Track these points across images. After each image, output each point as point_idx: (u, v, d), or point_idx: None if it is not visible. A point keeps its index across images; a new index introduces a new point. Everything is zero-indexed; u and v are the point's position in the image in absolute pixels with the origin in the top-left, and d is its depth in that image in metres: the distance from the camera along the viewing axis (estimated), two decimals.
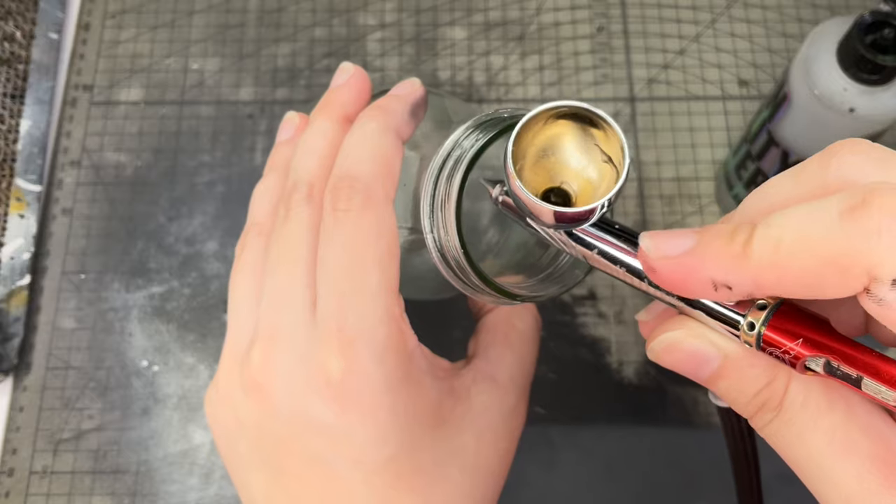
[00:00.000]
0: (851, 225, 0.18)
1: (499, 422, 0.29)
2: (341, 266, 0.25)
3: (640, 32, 0.60)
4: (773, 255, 0.19)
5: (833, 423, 0.20)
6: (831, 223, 0.18)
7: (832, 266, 0.18)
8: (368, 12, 0.61)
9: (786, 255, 0.19)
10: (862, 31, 0.40)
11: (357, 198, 0.26)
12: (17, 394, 0.50)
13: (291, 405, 0.25)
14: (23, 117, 0.56)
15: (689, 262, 0.21)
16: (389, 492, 0.25)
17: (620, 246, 0.24)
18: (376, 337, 0.25)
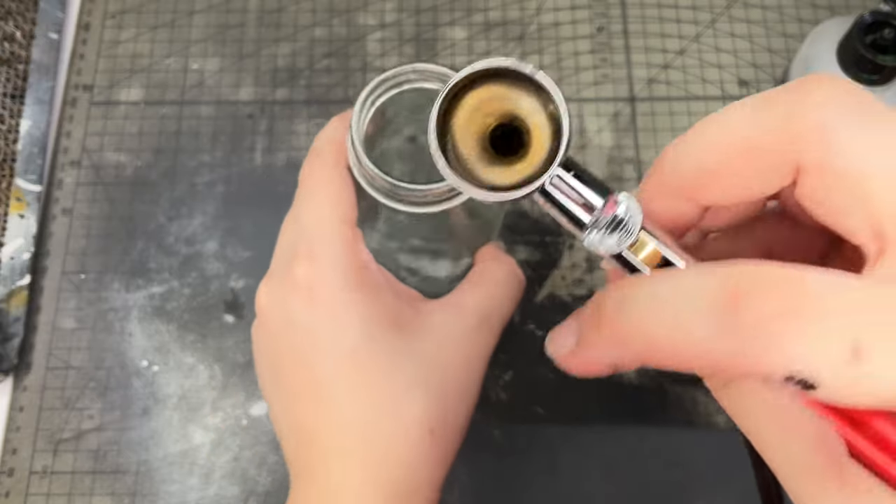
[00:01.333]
0: (725, 322, 0.17)
1: (459, 336, 0.33)
2: (306, 206, 0.34)
3: (640, 32, 0.60)
4: (647, 346, 0.19)
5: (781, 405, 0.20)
6: (703, 318, 0.17)
7: (713, 363, 0.18)
8: (368, 12, 0.61)
9: (661, 348, 0.19)
10: (862, 31, 0.40)
11: (314, 160, 0.34)
12: (17, 394, 0.50)
13: (279, 312, 0.32)
14: (23, 117, 0.56)
15: (581, 356, 0.21)
16: (353, 377, 0.31)
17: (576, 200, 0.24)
18: (332, 250, 0.32)
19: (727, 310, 0.17)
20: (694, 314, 0.18)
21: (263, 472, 0.49)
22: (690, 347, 0.18)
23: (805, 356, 0.16)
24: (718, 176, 0.21)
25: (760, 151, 0.19)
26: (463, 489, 0.48)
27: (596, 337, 0.21)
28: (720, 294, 0.17)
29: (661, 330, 0.18)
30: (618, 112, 0.58)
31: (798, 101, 0.19)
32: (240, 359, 0.51)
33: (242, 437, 0.49)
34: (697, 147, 0.21)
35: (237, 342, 0.51)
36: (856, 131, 0.18)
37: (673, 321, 0.18)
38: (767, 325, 0.17)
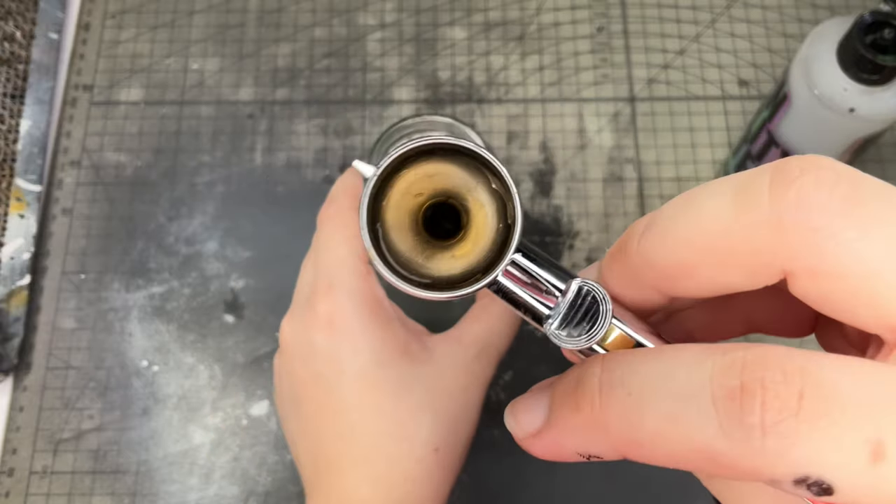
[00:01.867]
0: (730, 421, 0.15)
1: (460, 365, 0.35)
2: (324, 248, 0.35)
3: (640, 32, 0.60)
4: (632, 435, 0.17)
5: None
6: (704, 413, 0.15)
7: (710, 461, 0.16)
8: (368, 12, 0.61)
9: (649, 439, 0.16)
10: (862, 31, 0.40)
11: (331, 206, 0.36)
12: (17, 394, 0.50)
13: (301, 343, 0.34)
14: (23, 117, 0.56)
15: (549, 439, 0.19)
16: (366, 398, 0.33)
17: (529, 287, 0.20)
18: (349, 286, 0.34)
19: (731, 406, 0.15)
20: (692, 408, 0.16)
21: (263, 472, 0.49)
22: (685, 445, 0.16)
23: (820, 458, 0.15)
24: (694, 273, 0.18)
25: (743, 254, 0.17)
26: (463, 489, 0.48)
27: (572, 420, 0.18)
28: (723, 386, 0.15)
29: (651, 422, 0.16)
30: (618, 112, 0.58)
31: (782, 196, 0.16)
32: (240, 359, 0.51)
33: (242, 437, 0.49)
34: (670, 240, 0.18)
35: (237, 342, 0.51)
36: (852, 231, 0.16)
37: (667, 413, 0.16)
38: (777, 425, 0.15)
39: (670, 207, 0.19)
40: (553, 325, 0.20)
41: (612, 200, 0.55)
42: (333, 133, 0.57)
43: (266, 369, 0.51)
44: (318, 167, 0.56)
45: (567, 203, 0.55)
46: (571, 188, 0.55)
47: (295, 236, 0.54)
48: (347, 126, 0.57)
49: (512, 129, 0.57)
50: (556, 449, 0.19)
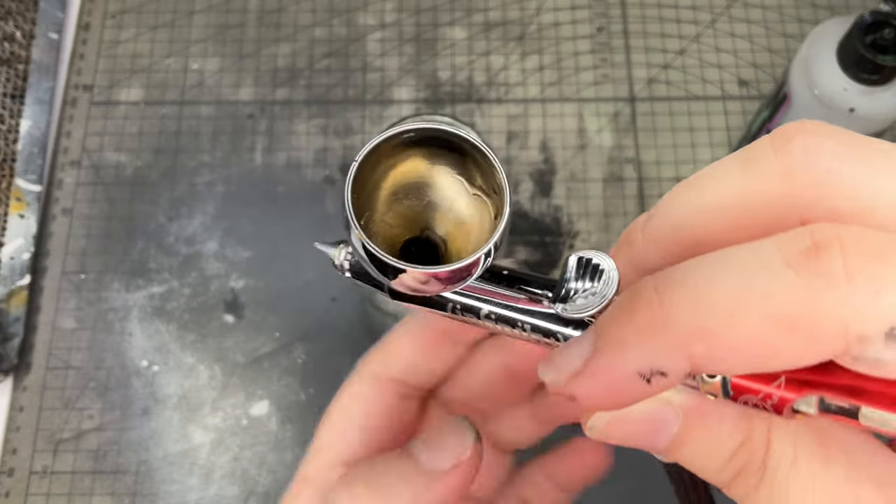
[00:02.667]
0: (810, 276, 0.14)
1: None
2: None
3: (640, 32, 0.60)
4: (701, 322, 0.15)
5: (836, 480, 0.16)
6: (780, 273, 0.14)
7: (790, 330, 0.14)
8: (368, 12, 0.61)
9: (721, 320, 0.15)
10: (862, 31, 0.40)
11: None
12: (17, 394, 0.50)
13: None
14: (23, 117, 0.56)
15: (602, 366, 0.16)
16: None
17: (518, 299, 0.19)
18: None
19: (809, 260, 0.14)
20: (765, 274, 0.14)
21: (263, 472, 0.49)
22: (763, 316, 0.14)
23: None
24: (705, 241, 0.17)
25: (757, 209, 0.16)
26: None
27: (627, 330, 0.16)
28: (795, 248, 0.14)
29: (723, 300, 0.14)
30: (618, 112, 0.58)
31: (787, 150, 0.16)
32: (240, 359, 0.51)
33: (242, 437, 0.49)
34: (677, 216, 0.17)
35: (237, 342, 0.51)
36: (861, 166, 0.15)
37: (738, 287, 0.14)
38: (863, 267, 0.13)
39: (671, 193, 0.18)
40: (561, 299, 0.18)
41: (612, 200, 0.55)
42: (333, 133, 0.57)
43: (266, 369, 0.51)
44: (318, 167, 0.56)
45: (567, 203, 0.55)
46: (571, 188, 0.55)
47: (295, 236, 0.54)
48: (347, 126, 0.57)
49: (512, 129, 0.57)
50: (610, 380, 0.16)
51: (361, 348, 0.54)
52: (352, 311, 0.52)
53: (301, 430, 0.49)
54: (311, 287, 0.53)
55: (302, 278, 0.53)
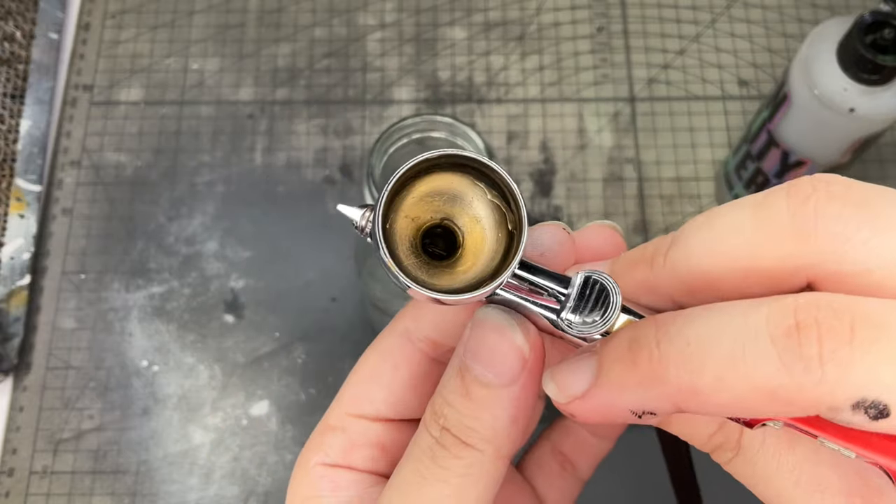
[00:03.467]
0: (790, 359, 0.16)
1: None
2: None
3: (640, 32, 0.60)
4: (692, 383, 0.17)
5: (797, 461, 0.19)
6: (764, 352, 0.16)
7: (770, 398, 0.16)
8: (368, 12, 0.61)
9: (709, 384, 0.17)
10: (862, 31, 0.40)
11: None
12: (17, 394, 0.50)
13: None
14: (23, 117, 0.56)
15: (599, 397, 0.19)
16: None
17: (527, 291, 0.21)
18: None
19: (789, 342, 0.16)
20: (752, 348, 0.16)
21: (263, 472, 0.49)
22: (746, 385, 0.16)
23: (875, 380, 0.16)
24: (718, 285, 0.19)
25: (767, 263, 0.18)
26: None
27: (627, 377, 0.18)
28: (780, 326, 0.16)
29: (712, 366, 0.17)
30: (618, 112, 0.58)
31: (800, 210, 0.18)
32: (240, 359, 0.51)
33: (242, 437, 0.49)
34: (696, 253, 0.19)
35: (237, 342, 0.51)
36: (865, 232, 0.17)
37: (727, 357, 0.17)
38: (834, 353, 0.16)
39: (693, 224, 0.20)
40: (565, 315, 0.20)
41: (612, 200, 0.55)
42: (333, 133, 0.57)
43: (266, 369, 0.51)
44: (318, 167, 0.56)
45: (567, 203, 0.55)
46: (571, 188, 0.55)
47: (295, 236, 0.54)
48: (347, 126, 0.57)
49: (512, 129, 0.57)
50: (605, 409, 0.19)
51: (361, 348, 0.54)
52: (352, 311, 0.52)
53: (301, 430, 0.49)
54: (311, 287, 0.53)
55: (302, 278, 0.53)
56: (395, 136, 0.38)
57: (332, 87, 0.58)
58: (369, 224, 0.21)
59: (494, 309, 0.21)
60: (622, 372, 0.18)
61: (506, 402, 0.20)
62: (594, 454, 0.29)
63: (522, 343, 0.20)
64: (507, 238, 0.20)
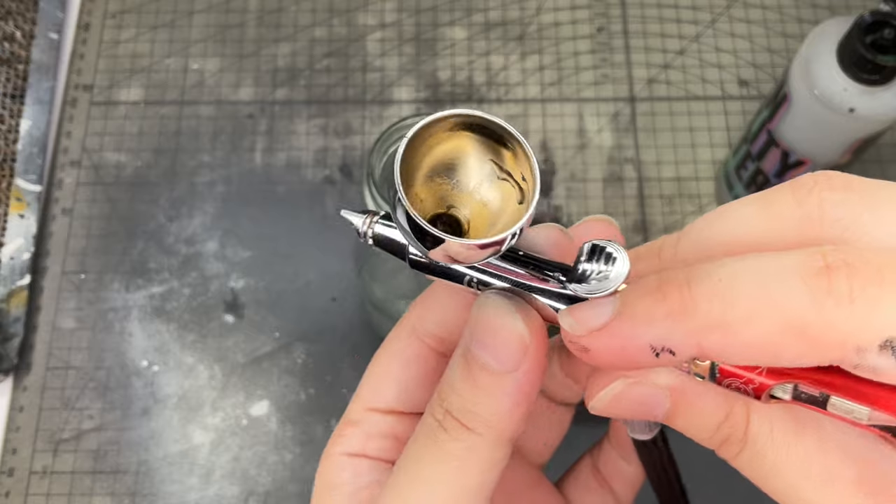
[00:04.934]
0: (820, 294, 0.16)
1: None
2: None
3: (640, 32, 0.60)
4: (722, 316, 0.17)
5: (807, 451, 0.19)
6: (795, 287, 0.16)
7: (798, 336, 0.16)
8: (368, 12, 0.61)
9: (740, 317, 0.17)
10: (862, 31, 0.40)
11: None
12: (17, 394, 0.50)
13: None
14: (23, 117, 0.56)
15: (620, 330, 0.18)
16: None
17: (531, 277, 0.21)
18: None
19: (820, 280, 0.16)
20: (783, 285, 0.17)
21: (263, 472, 0.49)
22: (776, 320, 0.16)
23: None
24: None
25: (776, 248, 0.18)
26: None
27: (655, 307, 0.18)
28: (811, 266, 0.17)
29: (743, 301, 0.17)
30: (618, 112, 0.58)
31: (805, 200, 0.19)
32: (240, 359, 0.51)
33: (242, 437, 0.49)
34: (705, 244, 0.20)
35: (237, 342, 0.51)
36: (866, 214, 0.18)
37: (758, 292, 0.17)
38: (864, 290, 0.16)
39: (702, 219, 0.20)
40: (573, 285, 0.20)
41: (612, 200, 0.55)
42: (333, 133, 0.57)
43: (266, 369, 0.51)
44: (318, 167, 0.56)
45: (567, 203, 0.55)
46: (571, 188, 0.55)
47: (295, 236, 0.54)
48: (347, 126, 0.57)
49: None
50: (624, 343, 0.18)
51: (361, 348, 0.54)
52: (352, 311, 0.52)
53: (301, 430, 0.49)
54: (311, 287, 0.53)
55: (302, 278, 0.53)
56: (395, 136, 0.38)
57: (332, 87, 0.58)
58: (371, 229, 0.21)
59: (496, 295, 0.21)
60: (650, 304, 0.18)
61: (507, 388, 0.21)
62: (629, 480, 0.29)
63: (522, 329, 0.20)
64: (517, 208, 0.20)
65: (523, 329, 0.20)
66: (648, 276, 0.19)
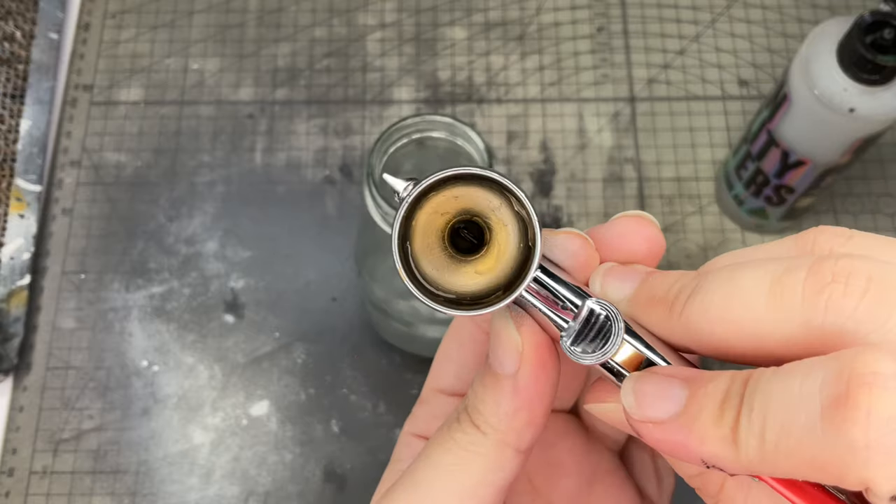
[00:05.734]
0: (836, 434, 0.16)
1: None
2: None
3: (640, 32, 0.60)
4: (761, 451, 0.17)
5: None
6: (814, 426, 0.16)
7: (821, 471, 0.16)
8: (368, 12, 0.61)
9: (773, 452, 0.17)
10: (862, 31, 0.40)
11: None
12: (17, 394, 0.50)
13: None
14: (23, 117, 0.56)
15: (677, 437, 0.18)
16: None
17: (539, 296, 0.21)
18: None
19: (838, 418, 0.16)
20: (809, 422, 0.16)
21: (263, 472, 0.49)
22: (805, 455, 0.16)
23: None
24: (728, 348, 0.19)
25: (774, 341, 0.18)
26: None
27: (712, 428, 0.18)
28: (834, 388, 0.16)
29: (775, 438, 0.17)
30: (618, 112, 0.58)
31: (813, 300, 0.18)
32: (240, 359, 0.51)
33: (242, 437, 0.49)
34: (710, 316, 0.19)
35: (237, 342, 0.51)
36: (874, 335, 0.17)
37: (789, 428, 0.17)
38: (884, 435, 0.15)
39: (715, 280, 0.20)
40: (567, 343, 0.21)
41: (612, 200, 0.55)
42: (333, 133, 0.57)
43: (266, 369, 0.51)
44: (318, 167, 0.56)
45: (567, 203, 0.55)
46: (571, 188, 0.55)
47: (295, 236, 0.54)
48: (347, 126, 0.57)
49: (512, 129, 0.57)
50: (679, 448, 0.18)
51: (361, 348, 0.54)
52: (352, 311, 0.52)
53: (301, 430, 0.49)
54: (311, 287, 0.53)
55: (302, 278, 0.53)
56: (394, 136, 0.38)
57: (332, 87, 0.58)
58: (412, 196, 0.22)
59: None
60: (709, 426, 0.18)
61: (507, 392, 0.22)
62: None
63: (516, 336, 0.21)
64: (525, 251, 0.21)
65: (516, 337, 0.21)
66: (720, 376, 0.19)
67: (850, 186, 0.55)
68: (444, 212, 0.21)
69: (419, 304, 0.21)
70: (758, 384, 0.18)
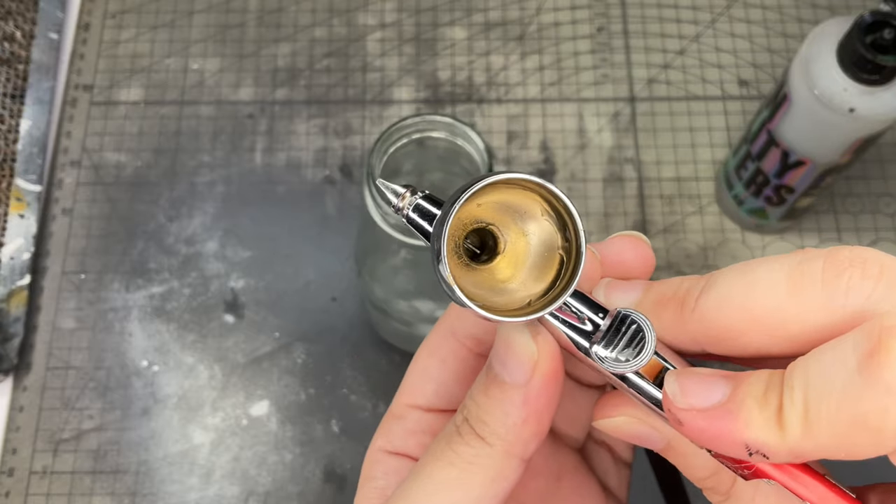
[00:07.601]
0: (874, 381, 0.16)
1: None
2: None
3: (640, 32, 0.60)
4: (805, 426, 0.17)
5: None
6: (852, 380, 0.17)
7: (864, 427, 0.17)
8: (368, 12, 0.61)
9: (816, 424, 0.17)
10: (862, 31, 0.40)
11: None
12: (17, 394, 0.50)
13: None
14: (23, 117, 0.56)
15: (722, 423, 0.19)
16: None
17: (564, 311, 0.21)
18: None
19: (873, 356, 0.16)
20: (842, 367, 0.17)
21: (263, 472, 0.49)
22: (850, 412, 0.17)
23: None
24: (743, 337, 0.20)
25: (793, 328, 0.19)
26: None
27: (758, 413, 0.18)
28: (866, 343, 0.17)
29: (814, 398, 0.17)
30: (618, 112, 0.58)
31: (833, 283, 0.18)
32: (240, 359, 0.51)
33: (242, 437, 0.49)
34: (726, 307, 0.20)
35: (237, 342, 0.51)
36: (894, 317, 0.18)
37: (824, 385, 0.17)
38: None
39: (728, 274, 0.20)
40: (601, 351, 0.20)
41: (612, 200, 0.55)
42: (333, 133, 0.57)
43: (266, 369, 0.51)
44: (318, 167, 0.56)
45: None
46: (571, 188, 0.55)
47: (295, 236, 0.54)
48: (347, 126, 0.57)
49: (512, 129, 0.57)
50: (720, 434, 0.19)
51: (361, 348, 0.54)
52: (352, 311, 0.52)
53: (301, 430, 0.49)
54: (311, 287, 0.53)
55: (302, 278, 0.53)
56: (394, 136, 0.38)
57: (332, 87, 0.58)
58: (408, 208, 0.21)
59: None
60: (756, 411, 0.18)
61: (516, 402, 0.21)
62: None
63: (532, 346, 0.21)
64: (559, 260, 0.21)
65: (533, 347, 0.21)
66: (760, 372, 0.19)
67: (850, 186, 0.55)
68: (461, 216, 0.21)
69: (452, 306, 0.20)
70: (795, 368, 0.18)
